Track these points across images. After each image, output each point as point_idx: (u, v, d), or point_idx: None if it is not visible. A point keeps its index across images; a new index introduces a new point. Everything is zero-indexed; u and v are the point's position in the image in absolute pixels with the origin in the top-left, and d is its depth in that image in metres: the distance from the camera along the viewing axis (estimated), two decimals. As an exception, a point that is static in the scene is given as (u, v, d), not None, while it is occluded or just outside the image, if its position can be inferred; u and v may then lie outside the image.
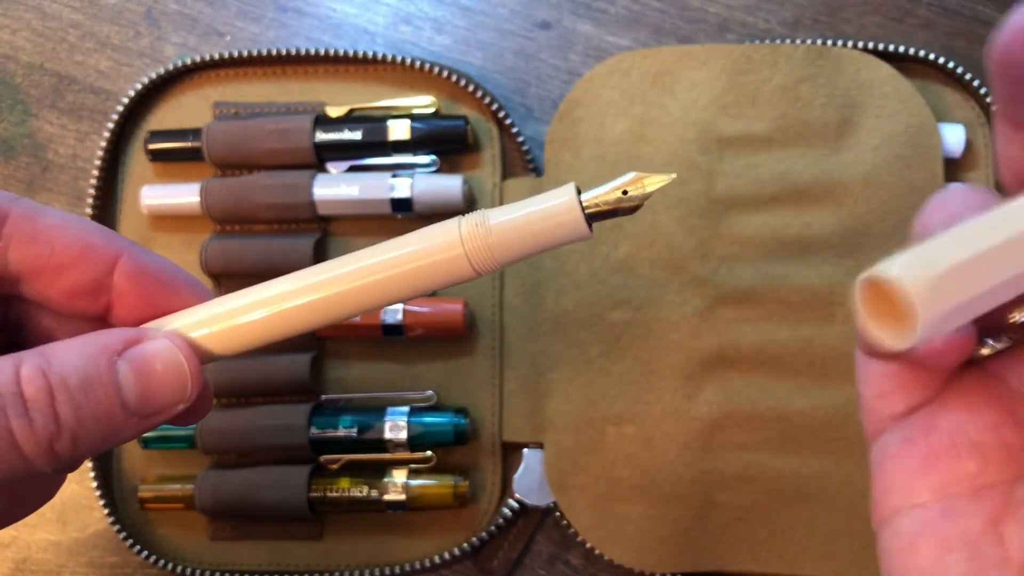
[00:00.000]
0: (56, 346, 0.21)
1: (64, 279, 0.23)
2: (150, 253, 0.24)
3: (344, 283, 0.23)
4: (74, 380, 0.21)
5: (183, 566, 0.41)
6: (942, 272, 0.16)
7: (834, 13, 0.44)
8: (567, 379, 0.40)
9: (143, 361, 0.22)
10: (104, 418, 0.21)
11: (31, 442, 0.20)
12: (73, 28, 0.46)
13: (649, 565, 0.39)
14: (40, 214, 0.23)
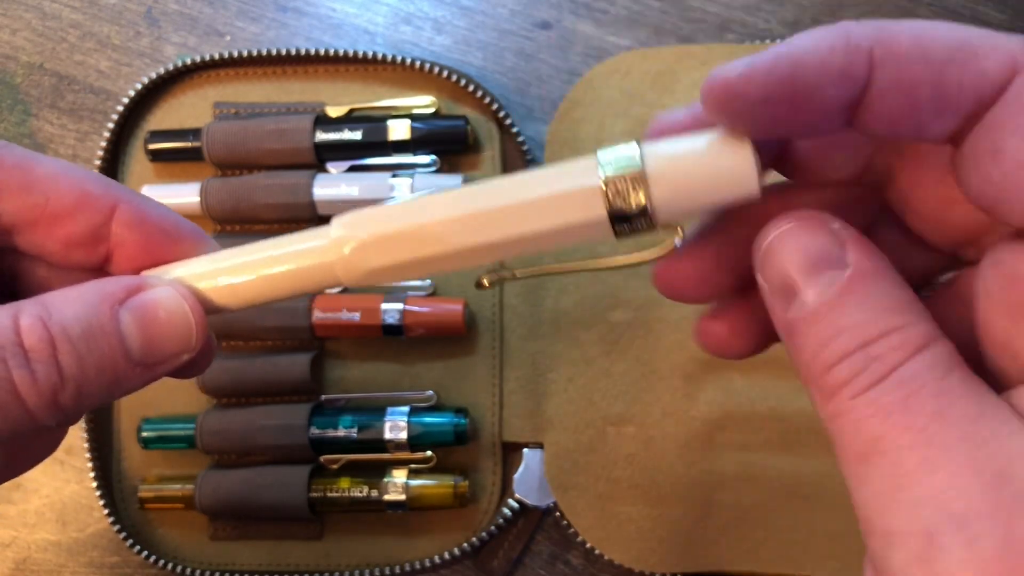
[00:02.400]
0: (55, 295, 0.21)
1: (61, 229, 0.22)
2: (150, 201, 0.23)
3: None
4: (76, 330, 0.20)
5: (183, 566, 0.41)
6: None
7: (834, 13, 0.44)
8: (567, 379, 0.40)
9: (146, 309, 0.21)
10: (108, 368, 0.21)
11: (34, 394, 0.20)
12: (73, 28, 0.46)
13: (649, 565, 0.39)
14: (34, 162, 0.22)
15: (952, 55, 0.16)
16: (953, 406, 0.16)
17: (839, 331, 0.17)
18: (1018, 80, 0.16)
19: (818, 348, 0.17)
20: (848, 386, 0.17)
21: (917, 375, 0.16)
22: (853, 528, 0.23)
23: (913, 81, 0.17)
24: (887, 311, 0.17)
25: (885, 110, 0.17)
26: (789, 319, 0.18)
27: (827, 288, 0.17)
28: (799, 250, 0.18)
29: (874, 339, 0.17)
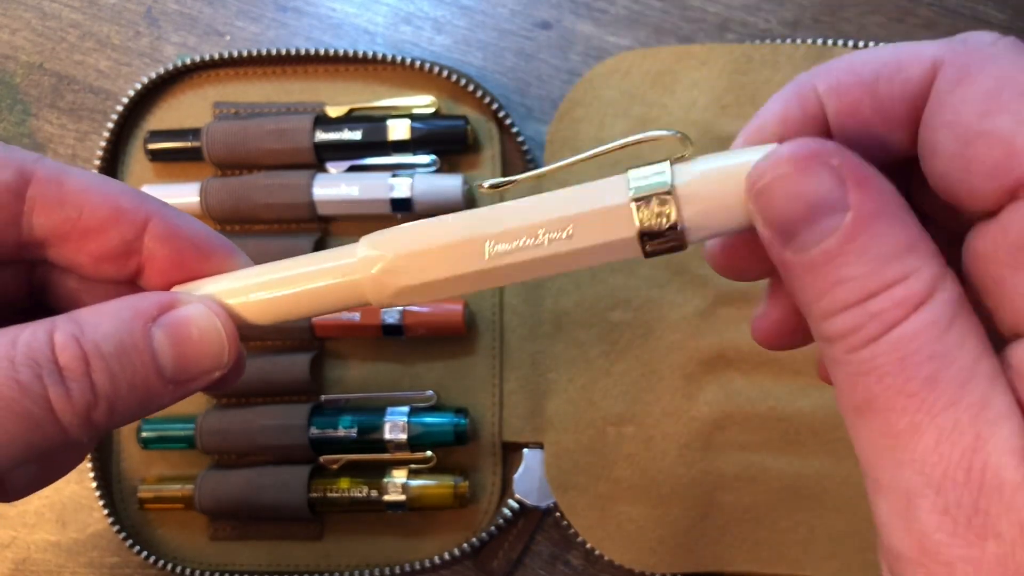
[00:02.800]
0: (89, 311, 0.21)
1: (93, 243, 0.22)
2: (182, 215, 0.23)
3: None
4: (109, 347, 0.20)
5: (183, 566, 0.41)
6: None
7: (834, 13, 0.44)
8: (567, 379, 0.40)
9: (179, 327, 0.21)
10: (140, 386, 0.21)
11: (68, 411, 0.20)
12: (73, 28, 0.46)
13: (649, 565, 0.39)
14: (66, 175, 0.22)
15: (879, 72, 0.17)
16: (947, 369, 0.16)
17: (839, 282, 0.17)
18: (939, 80, 0.17)
19: (816, 296, 0.17)
20: (846, 339, 0.17)
21: (915, 335, 0.16)
22: (853, 528, 0.23)
23: (854, 103, 0.17)
24: (891, 258, 0.16)
25: (848, 134, 0.18)
26: (787, 260, 0.18)
27: (828, 235, 0.17)
28: (797, 196, 0.17)
29: (876, 292, 0.16)
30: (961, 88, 0.17)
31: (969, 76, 0.17)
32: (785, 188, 0.17)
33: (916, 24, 0.44)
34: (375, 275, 0.21)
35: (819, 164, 0.17)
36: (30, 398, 0.19)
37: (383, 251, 0.21)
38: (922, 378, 0.16)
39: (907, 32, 0.44)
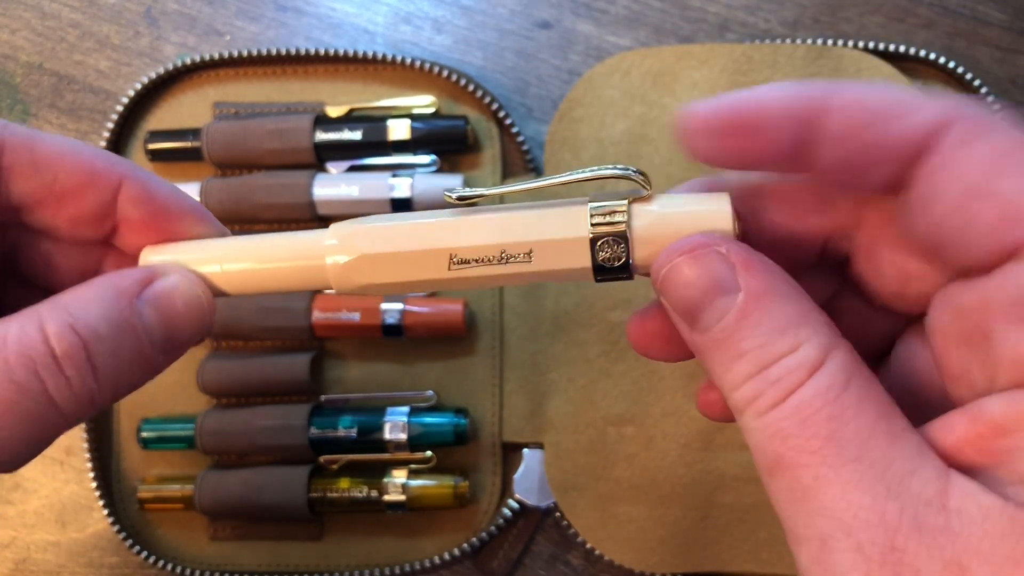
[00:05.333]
0: (71, 297, 0.21)
1: (68, 207, 0.23)
2: (155, 178, 0.24)
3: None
4: (104, 330, 0.20)
5: (183, 566, 0.41)
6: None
7: (835, 13, 0.44)
8: (567, 379, 0.40)
9: (164, 301, 0.22)
10: (137, 362, 0.21)
11: (71, 401, 0.20)
12: (72, 28, 0.46)
13: (649, 565, 0.39)
14: (38, 141, 0.22)
15: (890, 108, 0.18)
16: (845, 428, 0.17)
17: (739, 356, 0.18)
18: (948, 136, 0.17)
19: (723, 371, 0.19)
20: (751, 407, 0.18)
21: (812, 399, 0.17)
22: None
23: (857, 128, 0.18)
24: (782, 330, 0.18)
25: (834, 154, 0.18)
26: (695, 340, 0.19)
27: (724, 315, 0.18)
28: (692, 281, 0.19)
29: (771, 363, 0.18)
30: (971, 147, 0.17)
31: (980, 138, 0.17)
32: (681, 276, 0.19)
33: (916, 24, 0.44)
34: (341, 267, 0.22)
35: (708, 252, 0.19)
36: (29, 397, 0.19)
37: (351, 249, 0.22)
38: (823, 437, 0.17)
39: (907, 32, 0.44)
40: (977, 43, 0.43)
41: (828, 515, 0.17)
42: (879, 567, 0.16)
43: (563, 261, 0.21)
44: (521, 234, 0.21)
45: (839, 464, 0.17)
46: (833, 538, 0.17)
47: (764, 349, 0.18)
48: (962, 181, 0.17)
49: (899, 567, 0.16)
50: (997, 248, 0.17)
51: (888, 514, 0.16)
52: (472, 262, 0.21)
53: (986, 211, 0.17)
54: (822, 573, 0.17)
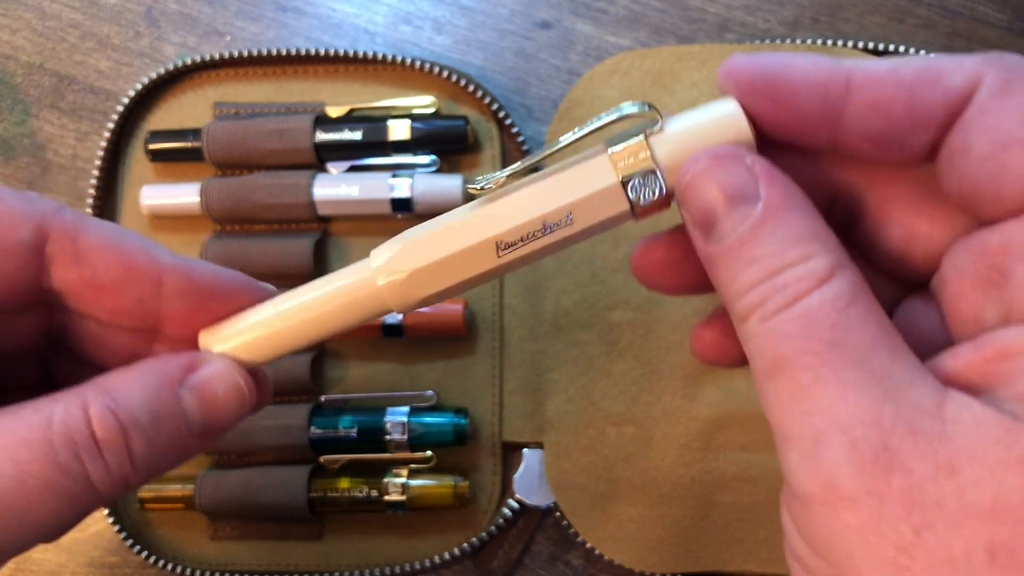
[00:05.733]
0: (115, 379, 0.22)
1: (107, 299, 0.23)
2: (196, 263, 0.24)
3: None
4: (144, 417, 0.21)
5: (183, 566, 0.41)
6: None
7: (834, 13, 0.44)
8: (567, 379, 0.40)
9: (205, 388, 0.22)
10: (174, 447, 0.22)
11: (107, 483, 0.21)
12: (73, 28, 0.46)
13: (649, 565, 0.39)
14: (82, 231, 0.23)
15: (921, 76, 0.19)
16: (849, 337, 0.18)
17: (751, 261, 0.19)
18: (981, 90, 0.18)
19: (733, 277, 0.19)
20: (757, 312, 0.19)
21: (818, 307, 0.18)
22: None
23: (888, 100, 0.19)
24: (795, 242, 0.19)
25: (864, 126, 0.19)
26: (709, 252, 0.20)
27: (741, 222, 0.19)
28: (716, 187, 0.19)
29: (781, 269, 0.18)
30: (1003, 98, 0.18)
31: (1012, 89, 0.18)
32: (706, 180, 0.20)
33: (915, 24, 0.44)
34: (399, 288, 0.22)
35: (734, 161, 0.20)
36: (70, 478, 0.20)
37: (401, 268, 0.22)
38: (826, 341, 0.18)
39: (907, 32, 0.44)
40: (976, 44, 0.43)
41: (824, 413, 0.17)
42: (871, 464, 0.16)
43: (603, 212, 0.21)
44: (556, 200, 0.21)
45: (840, 368, 0.17)
46: (827, 434, 0.17)
47: (776, 257, 0.18)
48: (996, 131, 0.18)
49: (891, 465, 0.16)
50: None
51: (884, 416, 0.17)
52: (518, 243, 0.21)
53: (1018, 159, 0.18)
54: (812, 469, 0.17)
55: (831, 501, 0.17)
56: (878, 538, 0.16)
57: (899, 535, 0.16)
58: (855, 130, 0.20)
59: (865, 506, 0.16)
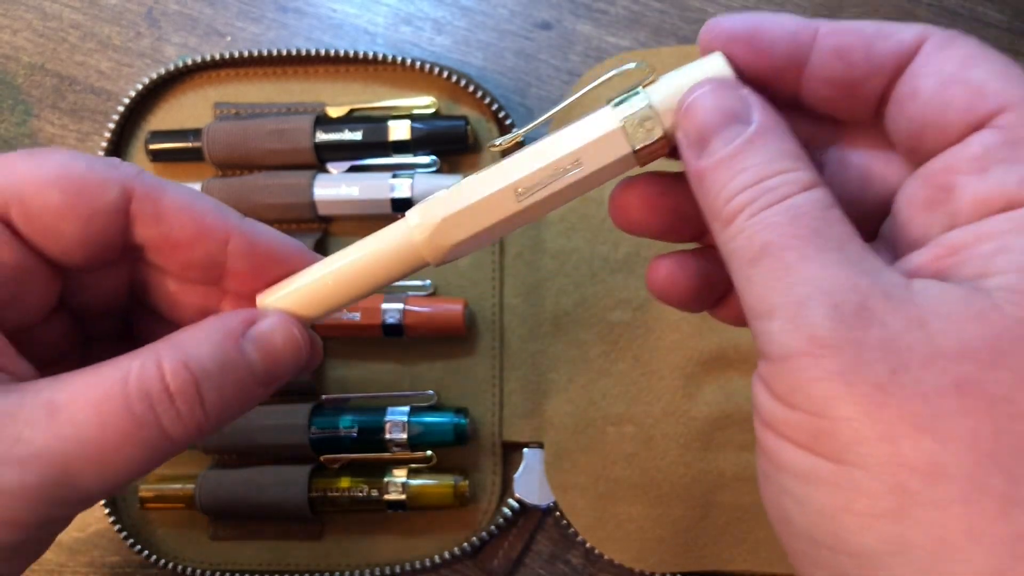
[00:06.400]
0: (184, 336, 0.24)
1: (180, 255, 0.26)
2: (259, 226, 0.26)
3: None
4: (212, 367, 0.23)
5: (184, 566, 0.41)
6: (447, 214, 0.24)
7: (834, 14, 0.44)
8: (567, 379, 0.40)
9: (265, 339, 0.25)
10: (241, 394, 0.24)
11: (181, 432, 0.23)
12: (74, 29, 0.46)
13: (649, 565, 0.39)
14: (161, 193, 0.25)
15: (878, 30, 0.22)
16: (831, 228, 0.20)
17: (743, 170, 0.21)
18: (927, 43, 0.21)
19: (723, 185, 0.21)
20: (746, 209, 0.21)
21: (803, 204, 0.20)
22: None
23: (848, 46, 0.22)
24: (783, 157, 0.21)
25: (827, 71, 0.22)
26: (701, 166, 0.22)
27: (736, 137, 0.21)
28: (714, 107, 0.22)
29: (770, 176, 0.21)
30: (946, 49, 0.21)
31: (953, 43, 0.21)
32: (705, 102, 0.22)
33: (915, 25, 0.44)
34: (429, 238, 0.24)
35: (732, 89, 0.22)
36: (146, 427, 0.22)
37: (432, 217, 0.24)
38: (810, 229, 0.20)
39: (906, 33, 0.44)
40: (976, 44, 0.44)
41: (808, 283, 0.19)
42: (852, 318, 0.18)
43: (608, 156, 0.23)
44: (565, 148, 0.24)
45: (823, 248, 0.20)
46: (811, 298, 0.19)
47: (766, 166, 0.21)
48: (940, 74, 0.21)
49: (869, 320, 0.18)
50: (970, 120, 0.20)
51: (861, 285, 0.19)
52: (535, 187, 0.24)
53: (959, 94, 0.21)
54: (795, 328, 0.19)
55: (813, 352, 0.19)
56: (857, 378, 0.18)
57: (876, 375, 0.18)
58: (819, 75, 0.22)
59: (846, 352, 0.18)
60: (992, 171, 0.20)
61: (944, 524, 0.17)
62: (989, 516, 0.17)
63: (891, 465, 0.18)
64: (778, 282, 0.20)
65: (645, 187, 0.25)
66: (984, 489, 0.17)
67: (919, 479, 0.18)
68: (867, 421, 0.18)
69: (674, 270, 0.26)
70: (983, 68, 0.21)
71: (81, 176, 0.24)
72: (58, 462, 0.22)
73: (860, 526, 0.18)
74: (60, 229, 0.24)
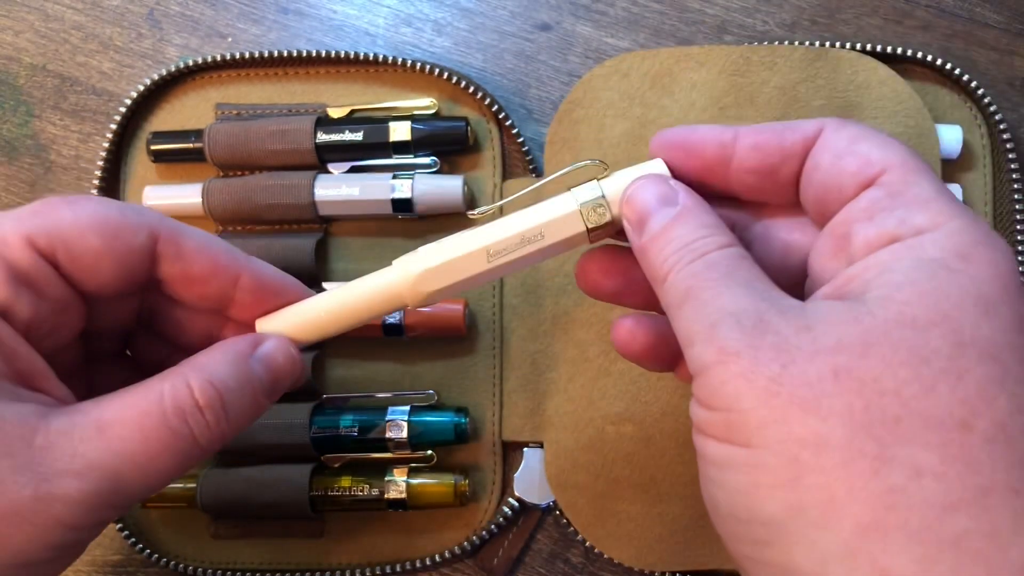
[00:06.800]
0: (203, 359, 0.28)
1: (196, 289, 0.30)
2: (263, 264, 0.31)
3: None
4: (234, 384, 0.28)
5: (185, 564, 0.41)
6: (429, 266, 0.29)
7: (832, 15, 0.44)
8: (567, 378, 0.41)
9: (269, 358, 0.29)
10: (253, 406, 0.29)
11: (209, 440, 0.27)
12: (76, 30, 0.46)
13: (648, 563, 0.39)
14: (181, 235, 0.29)
15: (785, 125, 0.27)
16: (741, 272, 0.25)
17: (672, 240, 0.26)
18: (825, 129, 0.27)
19: (660, 253, 0.26)
20: (675, 267, 0.26)
21: (718, 257, 0.25)
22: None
23: (764, 140, 0.27)
24: (704, 227, 0.26)
25: (748, 163, 0.28)
26: (642, 243, 0.27)
27: (666, 216, 0.26)
28: (649, 194, 0.27)
29: (693, 240, 0.26)
30: (839, 131, 0.26)
31: (844, 127, 0.27)
32: (642, 191, 0.27)
33: (913, 26, 0.44)
34: (411, 286, 0.29)
35: (663, 180, 0.28)
36: (181, 438, 0.26)
37: (415, 268, 0.29)
38: (722, 273, 0.25)
39: (904, 34, 0.44)
40: (974, 45, 0.44)
41: (719, 309, 0.24)
42: (751, 330, 0.23)
43: (565, 231, 0.28)
44: (532, 222, 0.29)
45: (732, 286, 0.24)
46: (721, 320, 0.23)
47: (690, 234, 0.26)
48: (835, 150, 0.26)
49: (765, 330, 0.23)
50: (860, 181, 0.25)
51: (760, 306, 0.23)
52: (504, 251, 0.29)
53: (851, 163, 0.26)
54: (709, 344, 0.23)
55: (723, 360, 0.23)
56: (756, 375, 0.22)
57: (770, 371, 0.22)
58: (743, 167, 0.28)
59: (746, 356, 0.22)
60: (877, 217, 0.25)
61: (829, 486, 0.21)
62: (864, 475, 0.21)
63: (786, 442, 0.22)
64: (697, 314, 0.24)
65: (602, 256, 0.31)
66: (859, 454, 0.21)
67: (808, 451, 0.21)
68: (765, 409, 0.22)
69: (634, 328, 0.30)
70: (868, 142, 0.26)
71: (116, 222, 0.28)
72: (110, 472, 0.25)
73: (767, 497, 0.22)
74: (99, 268, 0.28)
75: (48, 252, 0.27)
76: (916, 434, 0.21)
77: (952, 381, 0.21)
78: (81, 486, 0.25)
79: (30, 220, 0.27)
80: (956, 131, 0.41)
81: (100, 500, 0.25)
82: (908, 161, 0.25)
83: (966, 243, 0.23)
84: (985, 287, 0.23)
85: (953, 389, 0.21)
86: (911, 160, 0.25)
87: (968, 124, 0.42)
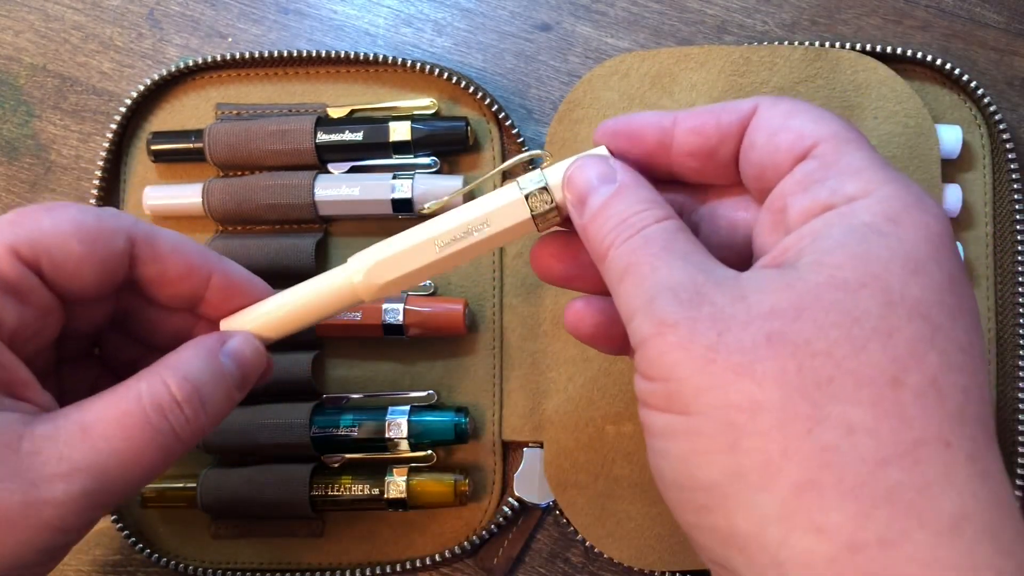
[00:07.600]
0: (176, 359, 0.29)
1: (169, 288, 0.31)
2: (233, 266, 0.32)
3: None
4: (208, 378, 0.29)
5: (185, 564, 0.41)
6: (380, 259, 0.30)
7: (832, 15, 0.44)
8: (566, 378, 0.41)
9: (238, 352, 0.30)
10: (226, 400, 0.30)
11: (189, 433, 0.28)
12: (76, 30, 0.46)
13: (648, 563, 0.39)
14: (157, 239, 0.30)
15: (722, 106, 0.28)
16: (677, 245, 0.25)
17: (610, 216, 0.27)
18: (759, 108, 0.27)
19: (600, 230, 0.27)
20: (615, 243, 0.26)
21: (655, 231, 0.26)
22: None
23: (701, 123, 0.28)
24: (641, 202, 0.27)
25: (688, 146, 0.28)
26: (584, 223, 0.28)
27: (605, 194, 0.27)
28: (589, 173, 0.28)
29: (631, 216, 0.26)
30: (772, 108, 0.27)
31: (778, 104, 0.27)
32: (582, 171, 0.28)
33: (913, 26, 0.44)
34: (364, 278, 0.30)
35: (600, 160, 0.28)
36: (163, 434, 0.27)
37: (366, 261, 0.30)
38: (660, 247, 0.25)
39: (904, 34, 0.44)
40: (974, 45, 0.44)
41: (657, 284, 0.24)
42: (688, 302, 0.23)
43: (510, 219, 0.29)
44: (477, 212, 0.29)
45: (669, 260, 0.25)
46: (659, 294, 0.24)
47: (628, 209, 0.26)
48: (770, 127, 0.27)
49: (701, 301, 0.23)
50: (795, 154, 0.26)
51: (697, 279, 0.24)
52: (452, 241, 0.29)
53: (785, 137, 0.26)
54: (648, 316, 0.24)
55: (661, 331, 0.23)
56: (693, 344, 0.23)
57: (707, 339, 0.23)
58: (684, 151, 0.28)
59: (683, 326, 0.23)
60: (811, 188, 0.25)
61: (765, 449, 0.21)
62: (799, 436, 0.21)
63: (722, 408, 0.22)
64: (636, 288, 0.25)
65: (553, 241, 0.31)
66: (793, 415, 0.21)
67: (744, 415, 0.22)
68: (702, 376, 0.22)
69: (582, 309, 0.31)
70: (801, 116, 0.26)
71: (95, 227, 0.28)
72: (96, 472, 0.26)
73: (706, 463, 0.22)
74: (80, 273, 0.28)
75: (32, 261, 0.28)
76: (848, 392, 0.21)
77: (882, 340, 0.22)
78: (69, 488, 0.25)
79: (11, 230, 0.27)
80: (956, 131, 0.41)
81: (88, 501, 0.26)
82: (840, 132, 0.26)
83: (896, 207, 0.24)
84: (914, 248, 0.23)
85: (884, 347, 0.22)
86: (844, 131, 0.26)
87: (968, 124, 0.42)
